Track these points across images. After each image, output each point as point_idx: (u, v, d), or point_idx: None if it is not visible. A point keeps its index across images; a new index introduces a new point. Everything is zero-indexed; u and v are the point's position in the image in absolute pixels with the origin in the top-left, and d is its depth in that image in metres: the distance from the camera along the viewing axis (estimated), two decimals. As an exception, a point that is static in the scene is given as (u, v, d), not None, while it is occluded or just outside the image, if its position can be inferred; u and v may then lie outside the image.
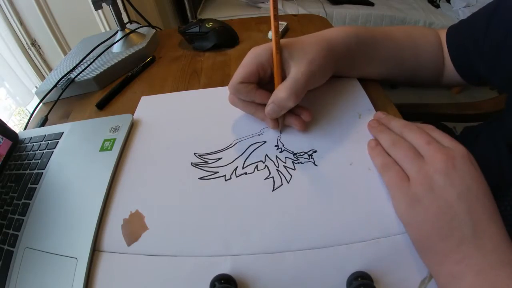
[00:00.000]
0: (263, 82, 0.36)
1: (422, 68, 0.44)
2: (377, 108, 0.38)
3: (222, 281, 0.24)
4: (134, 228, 0.30)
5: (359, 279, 0.24)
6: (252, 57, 0.35)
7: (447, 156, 0.25)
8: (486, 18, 0.38)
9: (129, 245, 0.28)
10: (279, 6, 1.71)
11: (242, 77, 0.34)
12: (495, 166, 0.38)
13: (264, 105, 0.35)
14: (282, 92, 0.32)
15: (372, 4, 1.95)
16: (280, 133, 0.36)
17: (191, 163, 0.35)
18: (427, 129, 0.30)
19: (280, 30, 0.60)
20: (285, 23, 0.63)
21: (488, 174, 0.26)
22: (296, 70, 0.33)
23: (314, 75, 0.34)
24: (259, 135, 0.37)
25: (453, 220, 0.24)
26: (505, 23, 0.35)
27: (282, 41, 0.35)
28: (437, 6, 2.10)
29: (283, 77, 0.34)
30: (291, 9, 1.79)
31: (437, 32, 0.45)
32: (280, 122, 0.36)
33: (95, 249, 0.28)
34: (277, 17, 0.34)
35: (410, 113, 0.66)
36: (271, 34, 0.60)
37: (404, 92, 1.85)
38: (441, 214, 0.24)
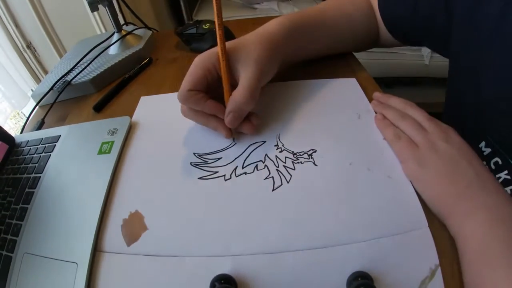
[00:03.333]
0: (212, 88, 0.35)
1: (359, 37, 0.48)
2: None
3: (222, 281, 0.24)
4: (134, 228, 0.29)
5: (359, 279, 0.24)
6: (198, 64, 0.35)
7: (446, 129, 0.32)
8: None
9: (129, 245, 0.28)
10: (275, 7, 1.71)
11: (190, 84, 0.34)
12: None
13: (214, 116, 0.35)
14: (239, 97, 0.33)
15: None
16: (234, 140, 0.36)
17: (191, 163, 0.35)
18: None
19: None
20: None
21: None
22: (246, 73, 0.34)
23: (263, 72, 0.35)
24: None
25: (458, 169, 0.29)
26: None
27: (226, 45, 0.34)
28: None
29: (232, 83, 0.34)
30: (286, 10, 1.79)
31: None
32: (233, 130, 0.36)
33: (96, 250, 0.28)
34: (221, 26, 0.33)
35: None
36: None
37: (398, 91, 1.86)
38: (447, 165, 0.29)
